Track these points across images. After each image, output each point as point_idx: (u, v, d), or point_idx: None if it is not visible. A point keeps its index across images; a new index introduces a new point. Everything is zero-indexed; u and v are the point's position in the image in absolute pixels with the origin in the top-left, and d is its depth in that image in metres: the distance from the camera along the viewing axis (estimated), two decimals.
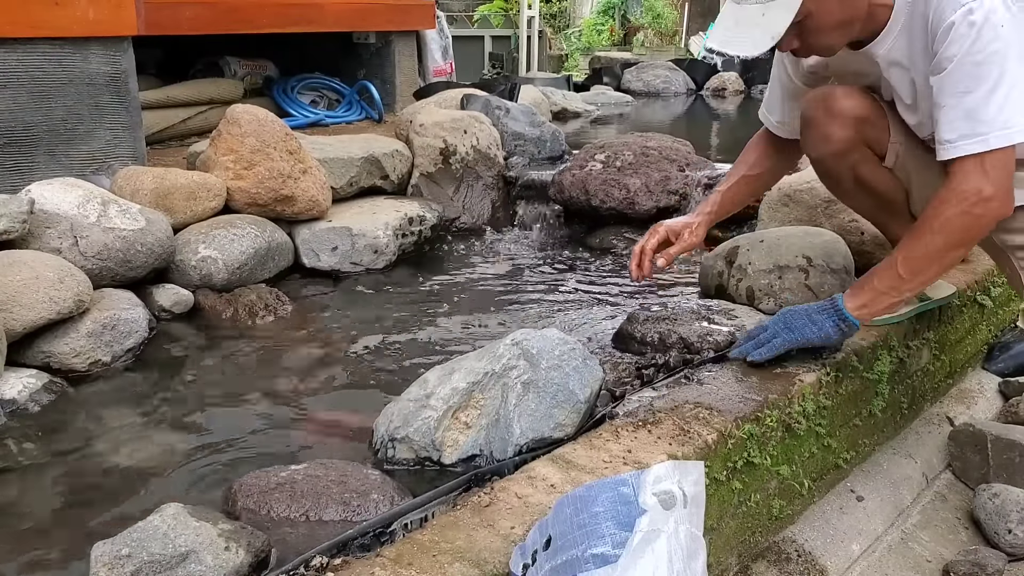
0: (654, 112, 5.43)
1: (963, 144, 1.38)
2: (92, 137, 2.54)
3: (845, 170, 1.66)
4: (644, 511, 0.94)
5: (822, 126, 1.61)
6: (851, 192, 1.73)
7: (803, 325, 1.52)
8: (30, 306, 1.72)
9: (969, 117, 1.36)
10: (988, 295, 2.11)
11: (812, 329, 1.51)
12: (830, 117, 1.60)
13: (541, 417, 1.33)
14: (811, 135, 1.65)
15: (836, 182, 1.74)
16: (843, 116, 1.59)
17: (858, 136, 1.61)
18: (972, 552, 1.62)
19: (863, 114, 1.60)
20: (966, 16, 1.34)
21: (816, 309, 1.53)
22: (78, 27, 2.43)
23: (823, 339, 1.52)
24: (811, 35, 1.46)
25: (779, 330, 1.53)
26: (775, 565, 1.49)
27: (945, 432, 1.95)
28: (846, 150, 1.62)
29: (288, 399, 1.73)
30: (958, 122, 1.38)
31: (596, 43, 11.72)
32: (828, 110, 1.60)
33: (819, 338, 1.51)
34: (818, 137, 1.63)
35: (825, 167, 1.70)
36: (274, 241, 2.37)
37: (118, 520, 1.27)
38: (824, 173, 1.74)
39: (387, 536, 1.11)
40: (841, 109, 1.59)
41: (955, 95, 1.37)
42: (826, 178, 1.77)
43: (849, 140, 1.61)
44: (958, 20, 1.35)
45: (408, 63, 4.51)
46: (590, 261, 2.70)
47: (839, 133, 1.60)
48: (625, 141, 2.98)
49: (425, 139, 2.92)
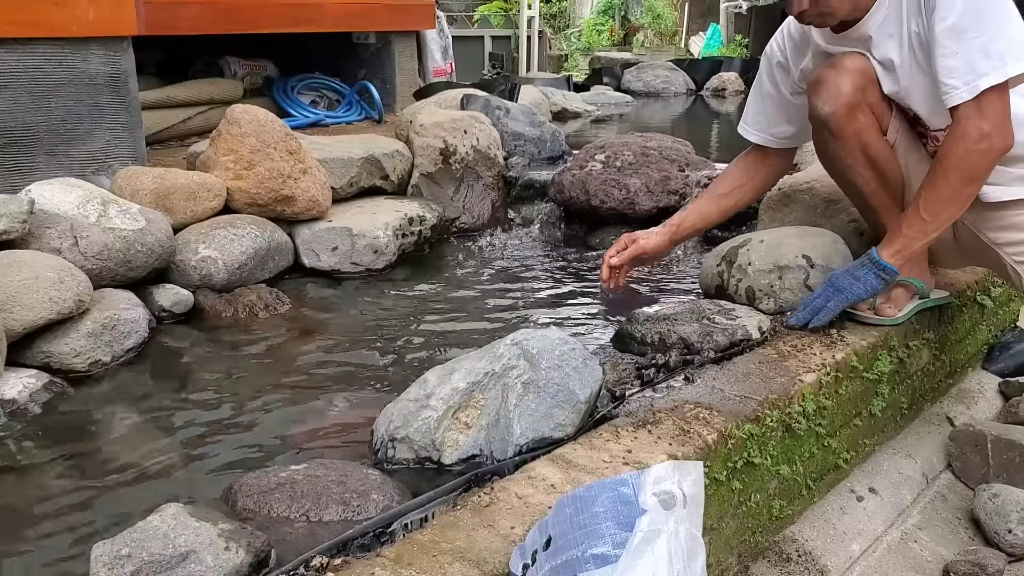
0: (654, 112, 5.44)
1: (959, 92, 1.50)
2: (92, 137, 2.54)
3: (852, 135, 1.69)
4: (644, 511, 0.94)
5: (833, 79, 1.66)
6: (855, 161, 1.72)
7: (850, 284, 1.65)
8: (30, 306, 1.72)
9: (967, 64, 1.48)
10: (988, 295, 2.11)
11: (858, 286, 1.64)
12: (841, 71, 1.66)
13: (541, 417, 1.33)
14: (823, 90, 1.68)
15: (842, 145, 1.71)
16: (852, 71, 1.66)
17: (864, 93, 1.66)
18: (972, 552, 1.62)
19: (867, 71, 1.66)
20: None
21: (856, 266, 1.67)
22: (78, 27, 2.43)
23: (870, 292, 1.65)
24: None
25: (830, 294, 1.66)
26: (775, 565, 1.49)
27: (945, 432, 1.95)
28: (856, 103, 1.66)
29: (288, 399, 1.73)
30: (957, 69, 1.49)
31: (596, 43, 11.73)
32: (838, 67, 1.67)
33: (866, 292, 1.65)
34: (831, 90, 1.67)
35: (834, 124, 1.69)
36: (274, 241, 2.37)
37: (118, 520, 1.27)
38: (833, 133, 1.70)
39: (387, 536, 1.11)
40: (850, 65, 1.66)
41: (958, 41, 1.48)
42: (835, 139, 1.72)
43: (858, 93, 1.66)
44: None
45: (408, 63, 4.51)
46: (590, 261, 2.70)
47: (848, 85, 1.65)
48: (625, 141, 2.98)
49: (425, 139, 2.92)
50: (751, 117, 1.96)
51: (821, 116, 1.71)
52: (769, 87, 1.91)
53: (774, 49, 1.88)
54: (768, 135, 1.94)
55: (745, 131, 1.97)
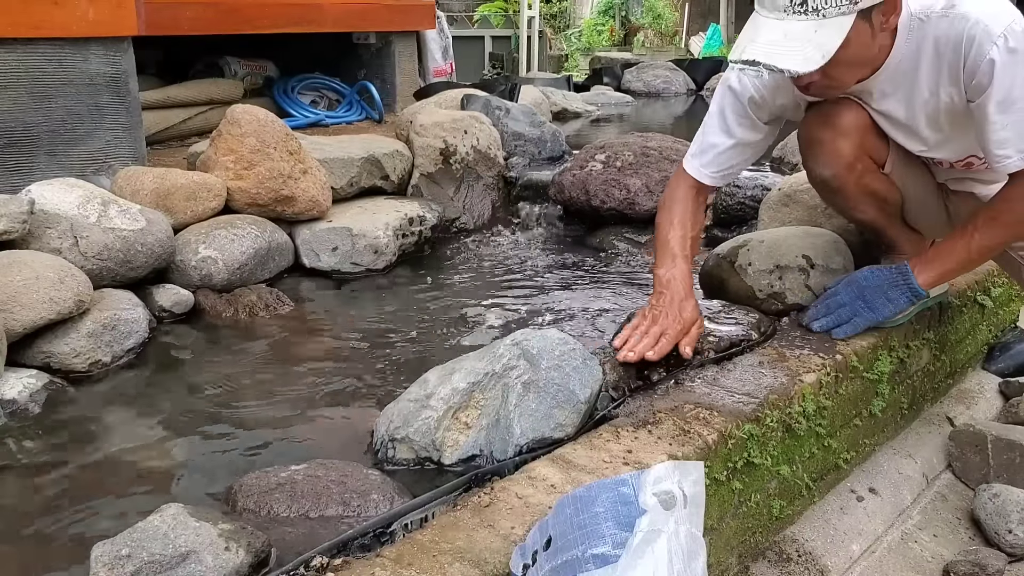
0: (654, 112, 5.43)
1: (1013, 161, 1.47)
2: (92, 137, 2.54)
3: (853, 183, 1.68)
4: (644, 511, 0.94)
5: (831, 143, 1.64)
6: (858, 203, 1.74)
7: (882, 304, 1.64)
8: (30, 306, 1.72)
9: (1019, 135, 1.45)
10: (988, 295, 2.11)
11: (890, 307, 1.64)
12: (837, 133, 1.63)
13: (541, 417, 1.33)
14: (821, 153, 1.66)
15: (844, 196, 1.74)
16: (848, 130, 1.62)
17: (861, 147, 1.64)
18: (972, 552, 1.62)
19: (863, 123, 1.63)
20: (1006, 45, 1.40)
21: (889, 283, 1.64)
22: (78, 27, 2.43)
23: (897, 314, 1.66)
24: (838, 67, 1.43)
25: (860, 308, 1.64)
26: (775, 565, 1.49)
27: (945, 432, 1.95)
28: (853, 162, 1.65)
29: (288, 399, 1.73)
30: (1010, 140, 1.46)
31: (596, 43, 11.73)
32: (834, 127, 1.63)
33: (893, 314, 1.65)
34: (830, 154, 1.65)
35: (836, 183, 1.70)
36: (274, 241, 2.37)
37: (118, 520, 1.27)
38: (834, 190, 1.73)
39: (387, 536, 1.11)
40: (844, 123, 1.62)
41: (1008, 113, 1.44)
42: (834, 194, 1.77)
43: (855, 152, 1.64)
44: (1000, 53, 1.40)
45: (408, 63, 4.51)
46: (590, 261, 2.70)
47: (848, 147, 1.63)
48: (625, 141, 2.98)
49: (425, 139, 2.92)
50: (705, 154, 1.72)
51: (821, 178, 1.71)
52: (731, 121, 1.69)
53: (747, 86, 1.66)
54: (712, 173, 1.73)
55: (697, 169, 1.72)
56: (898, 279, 1.63)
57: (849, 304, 1.65)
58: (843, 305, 1.66)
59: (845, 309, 1.65)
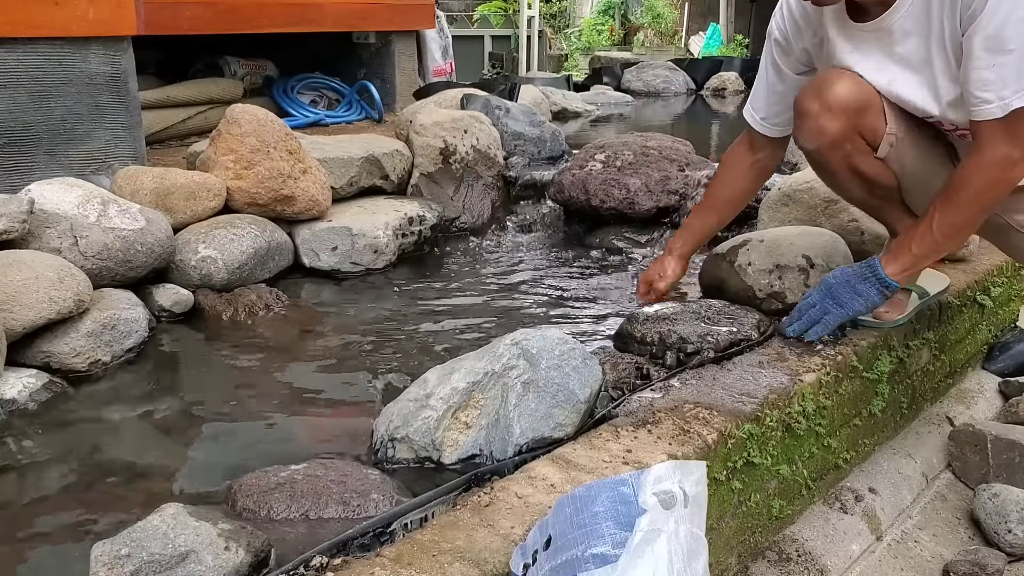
0: (654, 112, 5.43)
1: (989, 107, 1.39)
2: (92, 137, 2.53)
3: (838, 161, 1.65)
4: (644, 511, 0.94)
5: (816, 118, 1.60)
6: (844, 181, 1.72)
7: (851, 299, 1.60)
8: (30, 306, 1.72)
9: (1002, 78, 1.37)
10: (988, 295, 2.11)
11: (860, 301, 1.60)
12: (824, 109, 1.58)
13: (541, 417, 1.33)
14: (805, 127, 1.64)
15: (830, 172, 1.73)
16: (837, 107, 1.58)
17: (851, 127, 1.59)
18: (972, 552, 1.62)
19: (858, 103, 1.58)
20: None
21: (858, 278, 1.60)
22: (78, 27, 2.43)
23: (870, 308, 1.62)
24: None
25: (829, 306, 1.62)
26: (775, 565, 1.49)
27: (945, 432, 1.95)
28: (840, 141, 1.61)
29: (288, 399, 1.73)
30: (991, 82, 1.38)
31: (596, 43, 11.73)
32: (823, 101, 1.59)
33: (867, 308, 1.62)
34: (813, 129, 1.62)
35: (819, 158, 1.69)
36: (274, 241, 2.37)
37: (118, 520, 1.27)
38: (817, 164, 1.73)
39: (387, 536, 1.11)
40: (836, 99, 1.57)
41: (994, 53, 1.37)
42: (820, 169, 1.76)
43: (842, 132, 1.59)
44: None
45: (408, 63, 4.51)
46: (590, 261, 2.70)
47: (832, 126, 1.58)
48: (625, 141, 2.98)
49: (425, 139, 2.92)
50: (753, 99, 1.83)
51: (805, 150, 1.70)
52: (770, 68, 1.78)
53: (773, 28, 1.75)
54: (762, 120, 1.82)
55: (750, 115, 1.84)
56: (866, 272, 1.60)
57: (819, 304, 1.63)
58: (813, 306, 1.64)
59: (815, 310, 1.63)
